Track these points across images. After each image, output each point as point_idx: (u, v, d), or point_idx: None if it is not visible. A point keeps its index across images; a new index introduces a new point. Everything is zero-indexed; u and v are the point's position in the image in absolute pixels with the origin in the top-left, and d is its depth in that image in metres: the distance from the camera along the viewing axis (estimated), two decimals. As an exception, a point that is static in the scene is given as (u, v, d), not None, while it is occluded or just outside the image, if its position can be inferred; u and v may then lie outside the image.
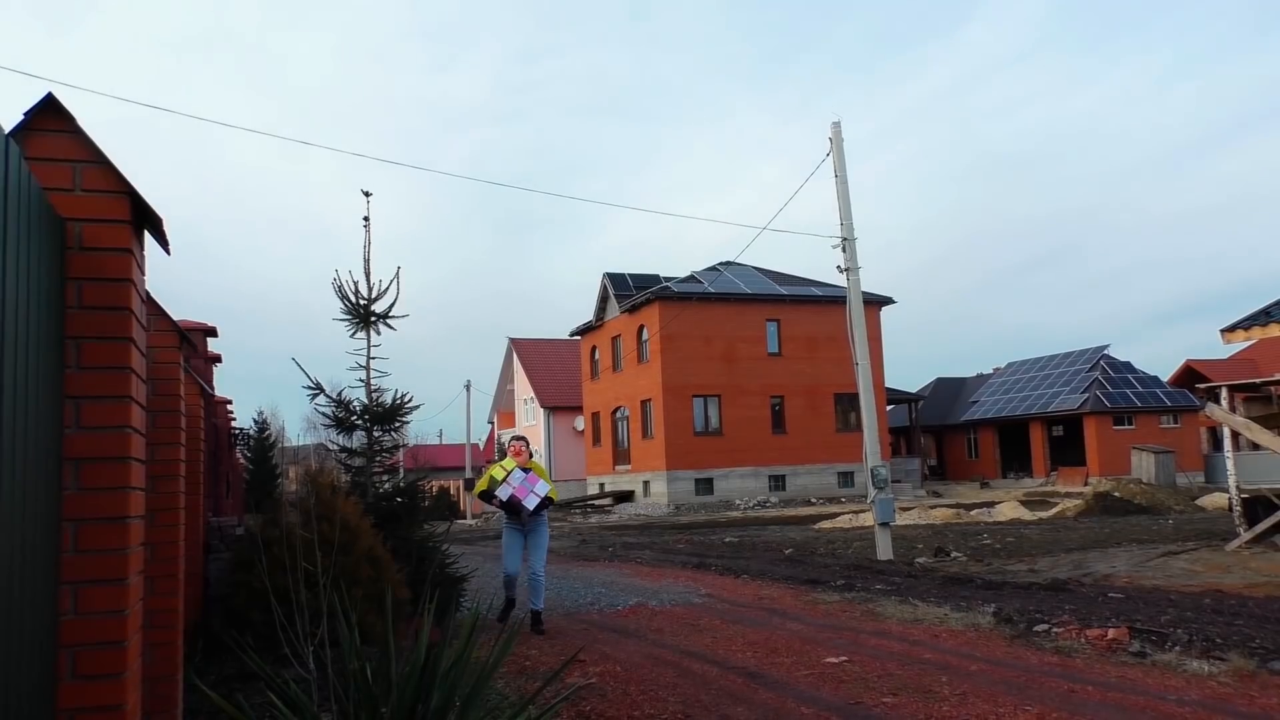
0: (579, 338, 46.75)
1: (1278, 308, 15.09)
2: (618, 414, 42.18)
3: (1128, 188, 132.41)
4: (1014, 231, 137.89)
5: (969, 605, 8.67)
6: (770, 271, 41.42)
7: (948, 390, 56.37)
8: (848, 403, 38.34)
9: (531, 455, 9.10)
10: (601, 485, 42.67)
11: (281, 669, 3.80)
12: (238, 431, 22.21)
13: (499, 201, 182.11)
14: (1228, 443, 14.67)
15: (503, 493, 8.66)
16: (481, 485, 8.98)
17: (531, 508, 8.63)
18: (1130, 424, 44.84)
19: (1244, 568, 11.60)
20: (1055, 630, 7.28)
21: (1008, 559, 14.09)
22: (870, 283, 45.15)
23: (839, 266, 15.83)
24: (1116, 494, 26.46)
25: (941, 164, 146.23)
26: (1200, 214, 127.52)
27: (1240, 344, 16.56)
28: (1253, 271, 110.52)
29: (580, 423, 48.09)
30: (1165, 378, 48.31)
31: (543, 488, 8.75)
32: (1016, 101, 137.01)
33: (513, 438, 9.19)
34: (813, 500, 37.30)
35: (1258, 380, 16.21)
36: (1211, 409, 14.80)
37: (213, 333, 12.42)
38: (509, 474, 8.71)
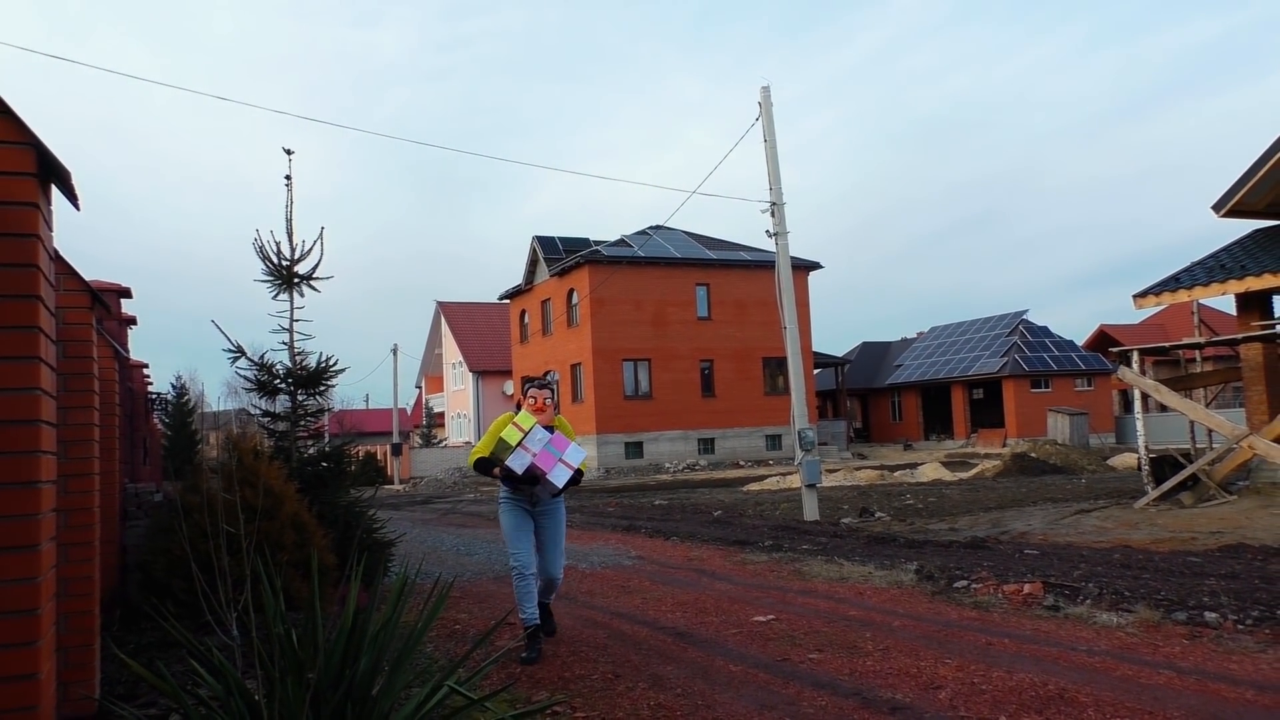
0: (508, 301, 46.39)
1: (1187, 274, 15.63)
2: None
3: (1049, 155, 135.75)
4: (939, 197, 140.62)
5: (892, 563, 8.88)
6: (700, 236, 41.53)
7: (873, 354, 57.40)
8: (776, 366, 38.78)
9: (557, 409, 6.45)
10: (531, 449, 42.54)
11: (204, 636, 3.72)
12: (155, 396, 21.60)
13: (426, 162, 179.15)
14: (1138, 404, 15.22)
15: (517, 462, 5.86)
16: (480, 450, 6.05)
17: (560, 485, 5.93)
18: (1047, 387, 46.22)
19: (1151, 524, 12.08)
20: (974, 586, 7.50)
21: (929, 518, 14.47)
22: (798, 247, 45.60)
23: (768, 231, 15.92)
24: (1033, 455, 27.32)
25: (869, 130, 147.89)
26: (1117, 181, 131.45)
27: (1152, 309, 17.14)
28: (1167, 238, 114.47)
29: (509, 387, 47.88)
30: (1081, 342, 49.85)
31: (576, 454, 5.99)
32: (943, 68, 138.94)
33: (531, 383, 6.23)
34: (741, 463, 37.78)
35: (1167, 345, 16.83)
36: (1123, 372, 15.32)
37: (126, 294, 12.01)
38: (527, 434, 5.91)
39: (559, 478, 5.89)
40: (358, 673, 3.13)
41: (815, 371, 45.85)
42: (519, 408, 6.17)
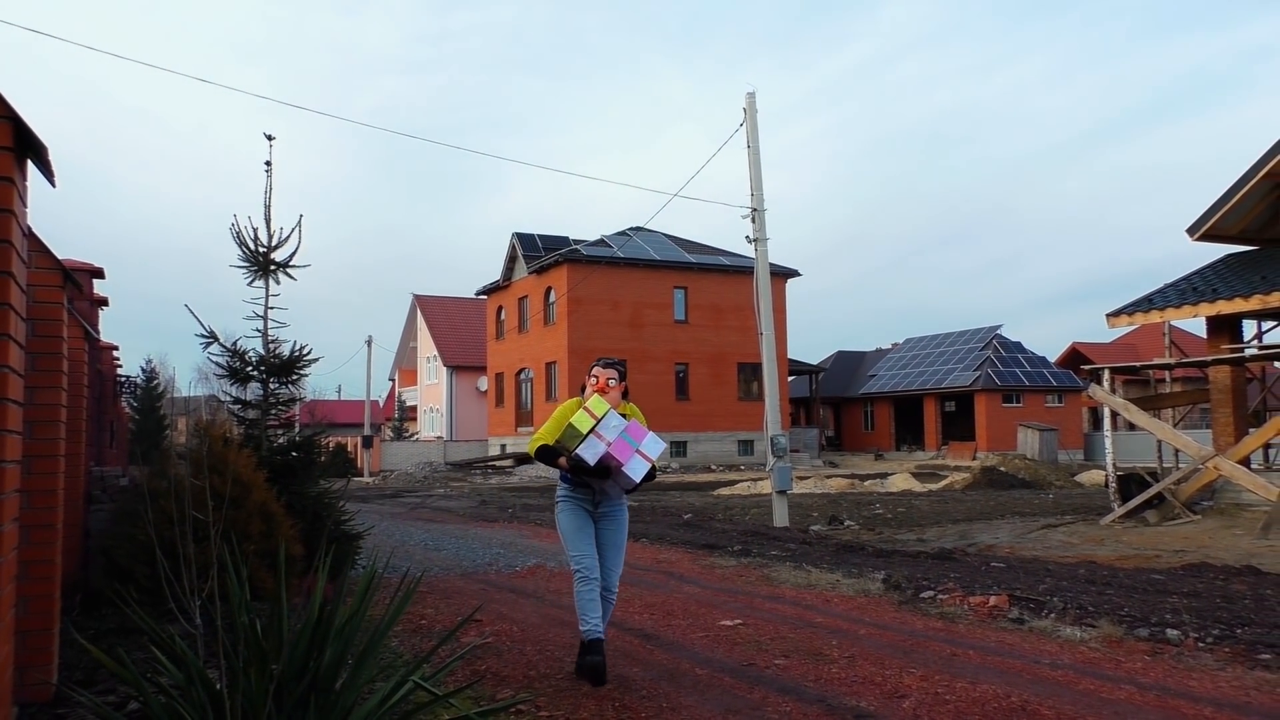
0: (485, 297, 46.26)
1: (1160, 295, 15.82)
2: (522, 375, 41.96)
3: (1031, 172, 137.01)
4: (920, 210, 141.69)
5: (860, 572, 8.91)
6: (680, 239, 41.59)
7: (847, 363, 57.68)
8: (750, 372, 38.90)
9: (626, 393, 5.64)
10: (503, 446, 42.48)
11: (166, 624, 3.68)
12: (124, 379, 21.37)
13: (408, 154, 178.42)
14: (1107, 422, 15.37)
15: (589, 452, 5.14)
16: (543, 437, 5.35)
17: (637, 479, 5.24)
18: (1018, 402, 46.61)
19: (1116, 541, 12.20)
20: (940, 597, 7.54)
21: (898, 528, 14.54)
22: (777, 254, 45.80)
23: (748, 237, 15.94)
24: (1002, 469, 27.51)
25: (854, 140, 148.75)
26: (1095, 201, 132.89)
27: (1124, 328, 17.32)
28: (1141, 260, 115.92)
29: (483, 383, 47.70)
30: (1053, 358, 50.32)
31: (654, 445, 5.27)
32: (930, 82, 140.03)
33: (602, 361, 5.60)
34: (713, 467, 37.84)
35: (1137, 364, 17.02)
36: (1094, 389, 15.47)
37: (99, 274, 11.87)
38: (600, 420, 5.20)
39: (636, 471, 5.20)
40: (322, 665, 3.10)
41: (790, 379, 46.01)
42: (583, 390, 5.57)
